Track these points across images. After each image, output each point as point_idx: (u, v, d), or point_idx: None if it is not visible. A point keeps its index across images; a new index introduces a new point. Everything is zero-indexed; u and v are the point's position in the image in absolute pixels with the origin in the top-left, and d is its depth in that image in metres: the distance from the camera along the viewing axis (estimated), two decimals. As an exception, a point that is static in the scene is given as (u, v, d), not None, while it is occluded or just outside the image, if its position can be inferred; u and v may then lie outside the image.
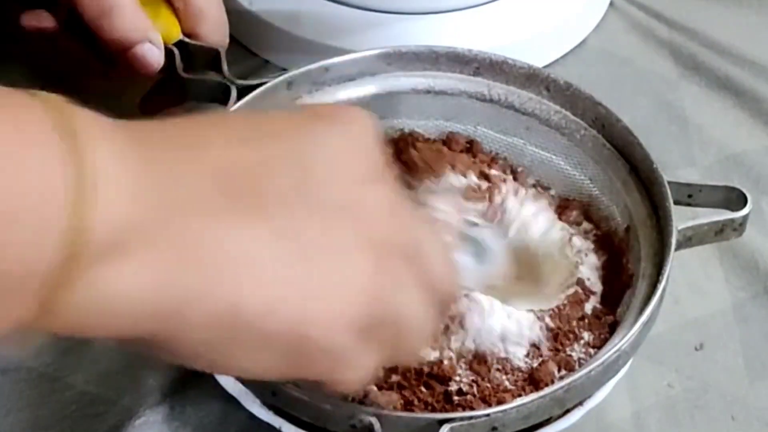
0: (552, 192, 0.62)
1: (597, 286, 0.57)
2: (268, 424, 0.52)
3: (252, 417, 0.52)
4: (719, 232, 0.56)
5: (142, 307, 0.37)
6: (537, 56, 0.75)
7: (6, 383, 0.58)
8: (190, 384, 0.57)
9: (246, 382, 0.51)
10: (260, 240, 0.39)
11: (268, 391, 0.50)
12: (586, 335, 0.55)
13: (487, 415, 0.48)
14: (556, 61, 0.77)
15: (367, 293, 0.41)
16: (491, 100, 0.63)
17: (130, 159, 0.37)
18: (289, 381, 0.48)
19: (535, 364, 0.54)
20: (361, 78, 0.63)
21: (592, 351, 0.54)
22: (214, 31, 0.66)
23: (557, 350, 0.54)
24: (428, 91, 0.64)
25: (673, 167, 0.69)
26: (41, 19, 0.65)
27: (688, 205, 0.57)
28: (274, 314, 0.39)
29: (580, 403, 0.52)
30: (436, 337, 0.53)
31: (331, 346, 0.40)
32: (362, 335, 0.41)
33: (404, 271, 0.42)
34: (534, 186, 0.62)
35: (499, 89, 0.63)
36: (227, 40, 0.67)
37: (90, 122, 0.37)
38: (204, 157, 0.39)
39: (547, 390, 0.49)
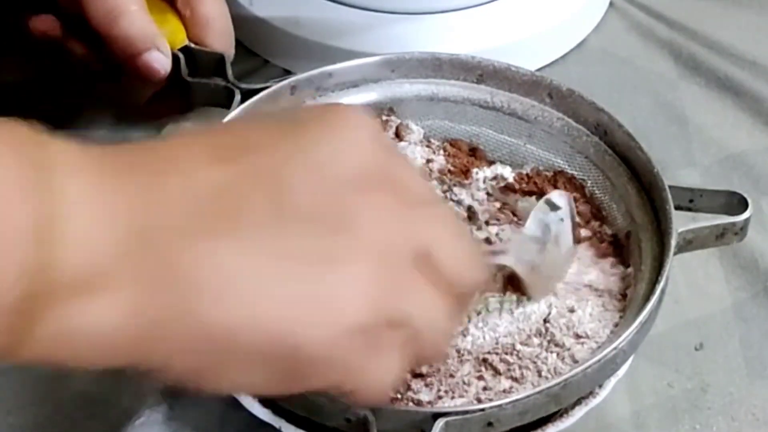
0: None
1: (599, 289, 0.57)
2: (267, 424, 0.52)
3: (252, 417, 0.52)
4: (720, 236, 0.55)
5: (118, 338, 0.37)
6: (537, 56, 0.75)
7: (6, 383, 0.58)
8: (190, 384, 0.57)
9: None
10: (238, 258, 0.38)
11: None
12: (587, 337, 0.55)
13: (482, 410, 0.48)
14: (556, 61, 0.77)
15: (365, 299, 0.40)
16: (494, 108, 0.63)
17: (100, 191, 0.37)
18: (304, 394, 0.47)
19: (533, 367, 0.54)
20: (364, 84, 0.63)
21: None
22: (220, 40, 0.66)
23: (557, 352, 0.54)
24: (431, 98, 0.64)
25: (673, 167, 0.69)
26: (48, 25, 0.65)
27: (689, 210, 0.57)
28: (260, 331, 0.38)
29: (580, 402, 0.52)
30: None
31: (328, 355, 0.39)
32: (370, 341, 0.40)
33: (410, 273, 0.41)
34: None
35: (502, 96, 0.63)
36: (233, 50, 0.67)
37: (60, 154, 0.37)
38: (174, 181, 0.39)
39: (543, 385, 0.49)
